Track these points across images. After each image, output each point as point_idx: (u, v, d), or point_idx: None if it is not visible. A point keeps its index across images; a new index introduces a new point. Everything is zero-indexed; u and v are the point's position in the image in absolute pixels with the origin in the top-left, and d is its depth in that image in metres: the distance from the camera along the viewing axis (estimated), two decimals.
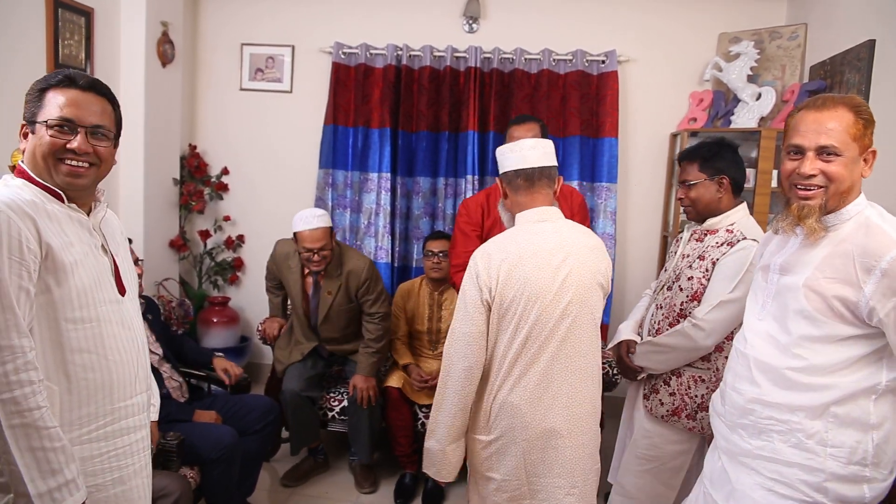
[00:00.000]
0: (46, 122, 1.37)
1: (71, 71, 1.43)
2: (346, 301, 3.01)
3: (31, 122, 1.40)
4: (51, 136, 1.37)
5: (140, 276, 1.92)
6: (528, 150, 1.81)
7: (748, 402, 1.53)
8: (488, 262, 1.74)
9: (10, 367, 1.24)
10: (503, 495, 1.79)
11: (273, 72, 4.10)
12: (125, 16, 3.44)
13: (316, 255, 2.85)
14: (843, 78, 3.07)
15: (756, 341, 1.55)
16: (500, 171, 1.85)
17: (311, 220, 2.84)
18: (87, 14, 3.18)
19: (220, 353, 2.85)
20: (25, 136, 1.41)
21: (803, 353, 1.44)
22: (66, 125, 1.38)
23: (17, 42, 2.78)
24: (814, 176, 1.41)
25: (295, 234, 2.88)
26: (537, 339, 1.71)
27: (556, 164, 1.84)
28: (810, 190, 1.43)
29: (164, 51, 3.61)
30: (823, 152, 1.41)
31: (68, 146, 1.38)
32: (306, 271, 3.01)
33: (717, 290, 1.99)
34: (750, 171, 3.43)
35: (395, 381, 3.03)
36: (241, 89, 4.14)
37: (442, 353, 1.95)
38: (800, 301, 1.43)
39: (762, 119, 3.52)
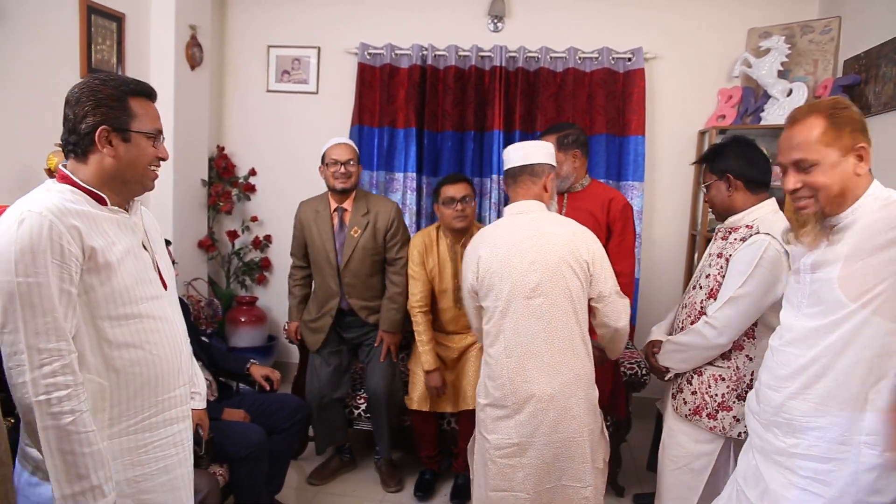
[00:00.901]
0: (150, 133, 1.47)
1: (144, 82, 1.50)
2: (371, 242, 2.97)
3: (121, 129, 1.42)
4: (154, 146, 1.48)
5: (176, 276, 1.97)
6: (512, 153, 2.11)
7: (784, 400, 1.52)
8: (475, 250, 2.07)
9: (47, 369, 1.27)
10: (496, 453, 2.00)
11: (299, 73, 4.14)
12: (155, 20, 3.50)
13: (343, 168, 2.91)
14: (878, 72, 2.99)
15: (791, 337, 1.55)
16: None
17: (340, 138, 3.05)
18: (119, 19, 3.24)
19: (255, 360, 2.84)
20: (108, 141, 1.41)
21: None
22: (159, 136, 1.50)
23: (52, 47, 2.85)
24: (798, 188, 1.47)
25: (324, 154, 2.99)
26: (514, 315, 1.96)
27: (542, 161, 2.07)
28: (801, 201, 1.49)
29: (193, 54, 3.66)
30: (799, 166, 1.46)
31: (160, 155, 1.50)
32: (333, 207, 3.00)
33: (728, 287, 1.98)
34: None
35: (419, 402, 2.91)
36: (268, 91, 4.18)
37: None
38: (835, 292, 1.44)
39: None
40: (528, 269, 1.93)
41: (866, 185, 1.45)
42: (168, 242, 2.05)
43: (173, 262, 1.78)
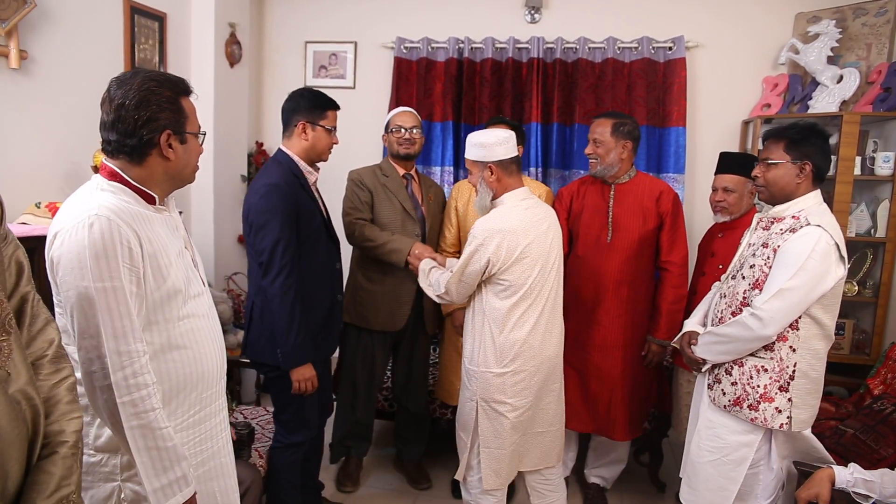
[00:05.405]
0: (199, 133, 1.52)
1: (183, 79, 1.51)
2: (439, 212, 2.99)
3: (180, 132, 1.45)
4: (202, 144, 1.53)
5: None
6: (505, 145, 2.26)
7: None
8: (496, 234, 2.20)
9: (129, 371, 1.31)
10: (513, 414, 2.24)
11: (336, 68, 4.16)
12: (195, 19, 3.56)
13: (408, 133, 2.83)
14: None
15: None
16: (495, 159, 2.24)
17: (406, 108, 2.98)
18: (161, 19, 3.31)
19: None
20: (169, 144, 1.44)
21: None
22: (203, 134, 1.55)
23: (97, 47, 2.91)
24: None
25: (388, 122, 2.90)
26: (547, 286, 2.25)
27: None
28: None
29: (232, 51, 3.71)
30: None
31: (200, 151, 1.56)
32: (401, 173, 2.88)
33: (777, 279, 1.91)
34: None
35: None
36: (306, 86, 4.20)
37: None
38: None
39: (844, 103, 3.33)
40: (550, 245, 2.25)
41: None
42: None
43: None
